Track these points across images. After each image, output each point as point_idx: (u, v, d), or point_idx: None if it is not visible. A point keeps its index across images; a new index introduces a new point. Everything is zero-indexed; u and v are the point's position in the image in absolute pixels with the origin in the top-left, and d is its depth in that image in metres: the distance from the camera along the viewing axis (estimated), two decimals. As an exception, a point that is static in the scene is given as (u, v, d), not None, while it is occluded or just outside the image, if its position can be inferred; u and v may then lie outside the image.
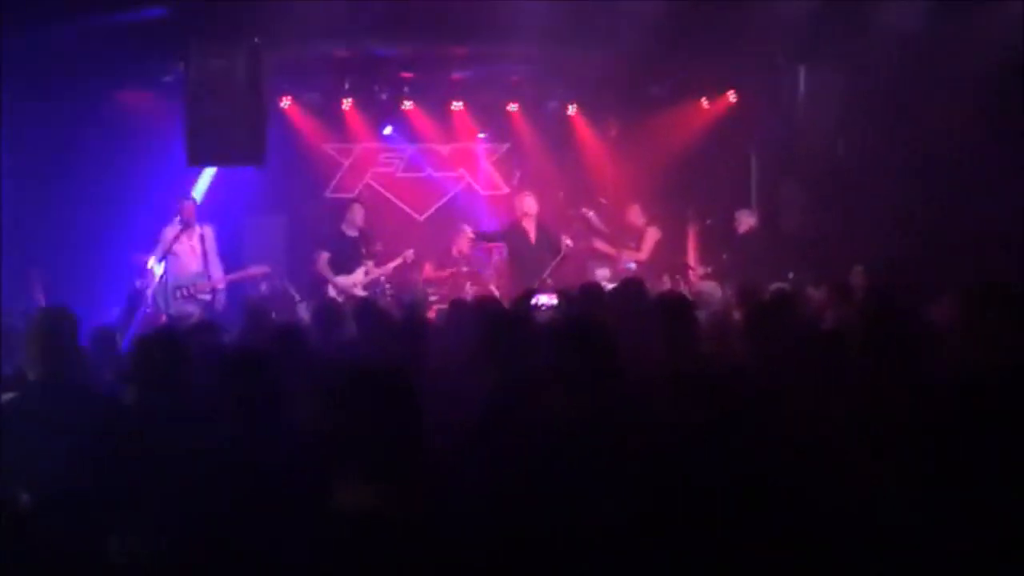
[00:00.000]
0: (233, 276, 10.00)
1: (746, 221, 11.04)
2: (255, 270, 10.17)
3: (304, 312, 9.71)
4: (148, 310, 9.47)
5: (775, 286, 7.50)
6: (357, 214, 10.54)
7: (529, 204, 10.44)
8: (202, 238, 9.75)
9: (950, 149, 9.91)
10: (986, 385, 3.37)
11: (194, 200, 9.93)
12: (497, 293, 10.17)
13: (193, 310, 9.44)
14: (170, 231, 9.64)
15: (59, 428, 3.68)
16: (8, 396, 4.34)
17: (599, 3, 9.36)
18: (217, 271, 9.84)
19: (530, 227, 10.37)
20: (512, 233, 10.45)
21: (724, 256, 10.90)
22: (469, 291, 10.74)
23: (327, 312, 6.32)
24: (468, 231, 10.78)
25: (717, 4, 9.34)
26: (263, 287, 10.26)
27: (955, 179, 10.02)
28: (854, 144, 10.87)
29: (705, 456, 2.80)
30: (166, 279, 9.38)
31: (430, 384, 3.61)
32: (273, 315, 7.99)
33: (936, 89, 9.65)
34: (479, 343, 3.83)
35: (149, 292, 9.51)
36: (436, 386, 4.03)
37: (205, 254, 9.73)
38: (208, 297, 9.72)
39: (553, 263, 10.22)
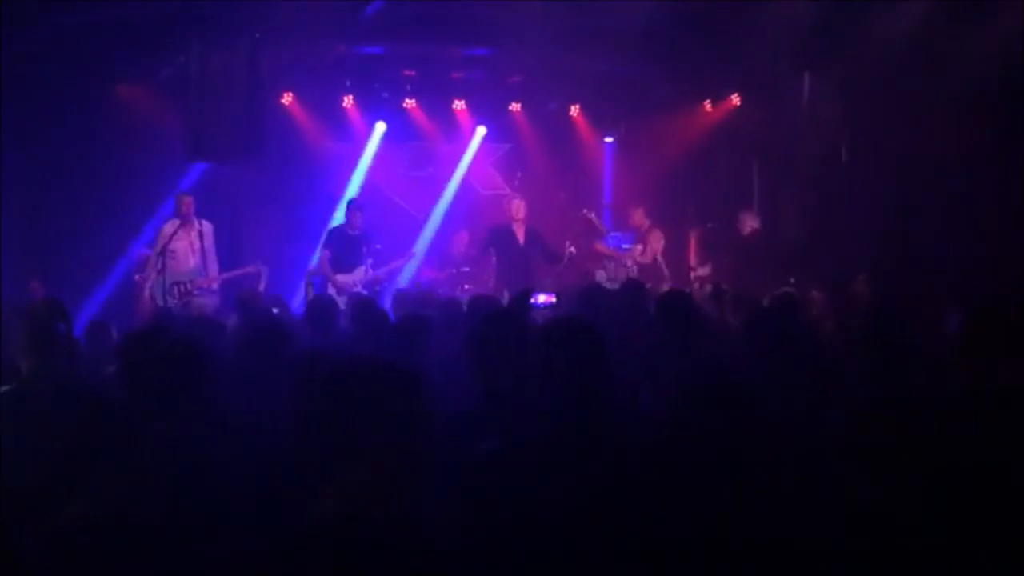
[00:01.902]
0: (229, 274, 9.97)
1: (749, 223, 10.99)
2: (252, 268, 10.12)
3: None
4: (145, 305, 9.42)
5: (780, 290, 7.45)
6: (358, 217, 10.50)
7: (517, 208, 10.38)
8: (200, 234, 9.69)
9: (953, 156, 9.87)
10: (983, 404, 3.34)
11: (192, 196, 9.85)
12: (494, 293, 10.13)
13: (208, 302, 9.38)
14: (168, 227, 9.58)
15: (47, 422, 3.64)
16: (3, 388, 4.31)
17: (602, 5, 9.31)
18: (214, 268, 9.80)
19: (519, 231, 10.31)
20: (500, 236, 10.40)
21: (725, 259, 10.85)
22: (466, 291, 10.72)
23: (319, 308, 6.24)
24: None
25: (722, 7, 9.30)
26: (262, 286, 10.20)
27: (959, 186, 9.97)
28: (857, 149, 10.83)
29: (695, 463, 2.76)
30: (163, 275, 9.31)
31: (424, 382, 3.57)
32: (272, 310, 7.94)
33: (939, 95, 9.61)
34: (468, 341, 3.78)
35: (147, 287, 9.47)
36: (428, 384, 3.99)
37: (203, 250, 9.69)
38: (203, 293, 9.67)
39: (555, 269, 10.21)
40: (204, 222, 9.76)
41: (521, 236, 10.29)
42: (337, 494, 2.15)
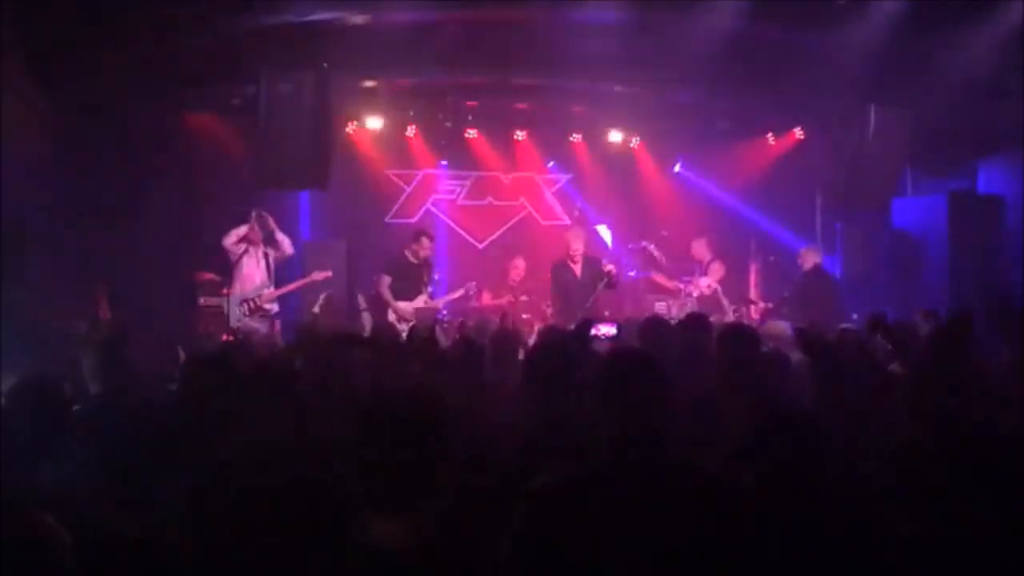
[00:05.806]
0: (297, 283, 10.34)
1: (811, 258, 10.84)
2: (318, 275, 10.33)
3: (368, 322, 9.90)
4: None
5: (843, 327, 7.31)
6: (424, 247, 10.56)
7: (575, 239, 10.32)
8: (266, 254, 10.11)
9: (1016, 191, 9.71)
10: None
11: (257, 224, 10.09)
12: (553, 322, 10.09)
13: (259, 327, 9.57)
14: (236, 248, 9.87)
15: (113, 442, 3.71)
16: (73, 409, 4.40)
17: (666, 37, 9.29)
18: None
19: (576, 264, 10.25)
20: (558, 272, 10.37)
21: (786, 293, 10.72)
22: (525, 320, 10.70)
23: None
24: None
25: (786, 39, 9.24)
26: (320, 302, 10.36)
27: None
28: (922, 184, 10.68)
29: (759, 501, 2.71)
30: (232, 294, 9.61)
31: (481, 413, 3.57)
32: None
33: (1001, 132, 9.47)
34: (527, 369, 3.76)
35: (224, 308, 9.75)
36: (486, 416, 3.99)
37: (269, 267, 10.08)
38: (275, 307, 10.09)
39: (601, 288, 9.97)
40: (268, 248, 10.04)
41: (578, 270, 10.24)
42: (370, 524, 2.16)
